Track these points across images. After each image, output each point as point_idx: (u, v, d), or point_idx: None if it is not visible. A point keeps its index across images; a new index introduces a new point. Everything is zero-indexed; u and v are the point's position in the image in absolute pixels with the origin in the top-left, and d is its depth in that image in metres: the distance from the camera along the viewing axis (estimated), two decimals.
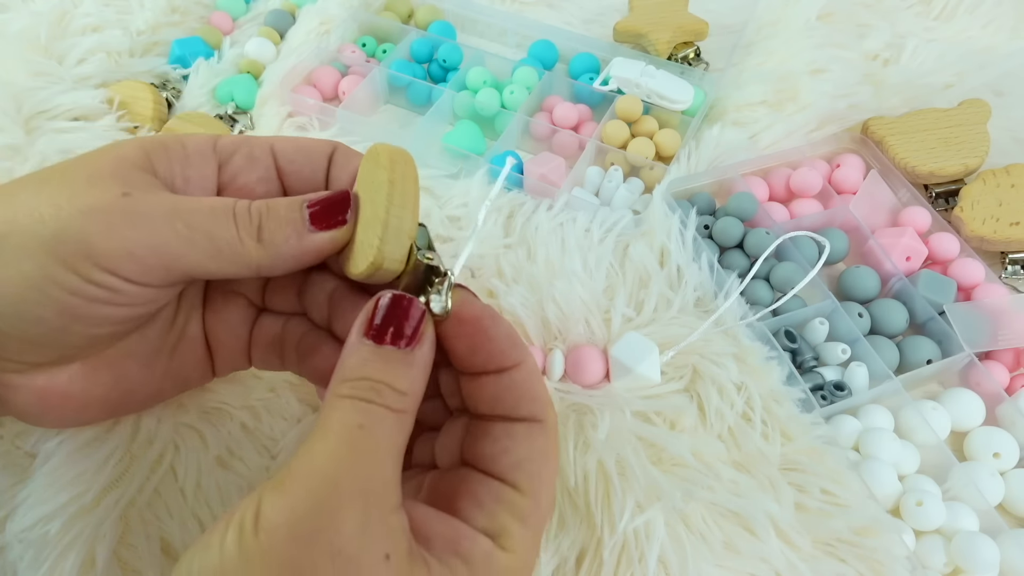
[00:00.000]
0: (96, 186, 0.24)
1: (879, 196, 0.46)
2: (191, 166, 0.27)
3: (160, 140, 0.27)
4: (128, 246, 0.23)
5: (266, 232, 0.25)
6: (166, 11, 0.55)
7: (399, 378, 0.22)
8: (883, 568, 0.31)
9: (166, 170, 0.26)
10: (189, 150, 0.27)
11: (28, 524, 0.30)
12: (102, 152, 0.26)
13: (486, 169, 0.45)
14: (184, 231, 0.24)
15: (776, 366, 0.36)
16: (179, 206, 0.25)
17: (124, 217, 0.23)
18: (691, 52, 0.54)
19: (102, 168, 0.25)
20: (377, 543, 0.19)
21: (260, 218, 0.25)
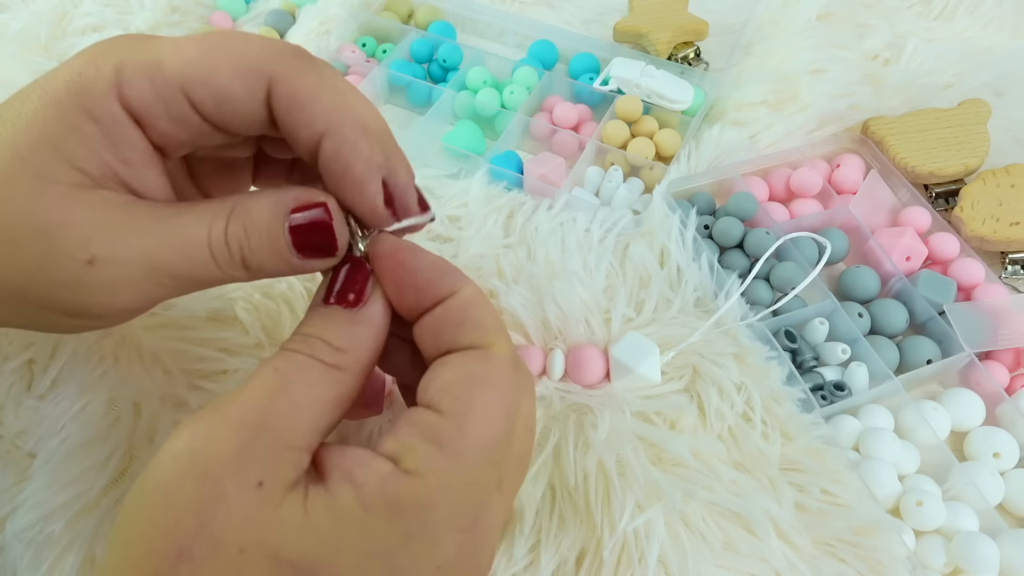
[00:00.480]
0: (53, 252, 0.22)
1: (879, 196, 0.46)
2: (117, 144, 0.23)
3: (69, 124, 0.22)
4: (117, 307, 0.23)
5: (252, 263, 0.23)
6: (166, 11, 0.55)
7: (336, 335, 0.22)
8: (883, 568, 0.31)
9: (98, 167, 0.23)
10: (103, 123, 0.22)
11: (28, 524, 0.30)
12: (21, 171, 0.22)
13: (486, 169, 0.45)
14: (168, 282, 0.23)
15: (776, 366, 0.36)
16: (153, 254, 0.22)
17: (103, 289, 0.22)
18: (691, 52, 0.54)
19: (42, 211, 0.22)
20: (250, 470, 0.19)
21: (241, 249, 0.23)
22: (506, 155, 0.47)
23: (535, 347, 0.37)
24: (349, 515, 0.19)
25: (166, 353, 0.35)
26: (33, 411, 0.34)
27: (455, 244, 0.42)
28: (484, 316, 0.23)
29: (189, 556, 0.18)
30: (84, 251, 0.22)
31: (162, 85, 0.22)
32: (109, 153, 0.23)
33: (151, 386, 0.34)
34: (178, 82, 0.22)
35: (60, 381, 0.34)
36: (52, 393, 0.34)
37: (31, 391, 0.35)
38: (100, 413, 0.33)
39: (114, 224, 0.22)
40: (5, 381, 0.35)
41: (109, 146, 0.23)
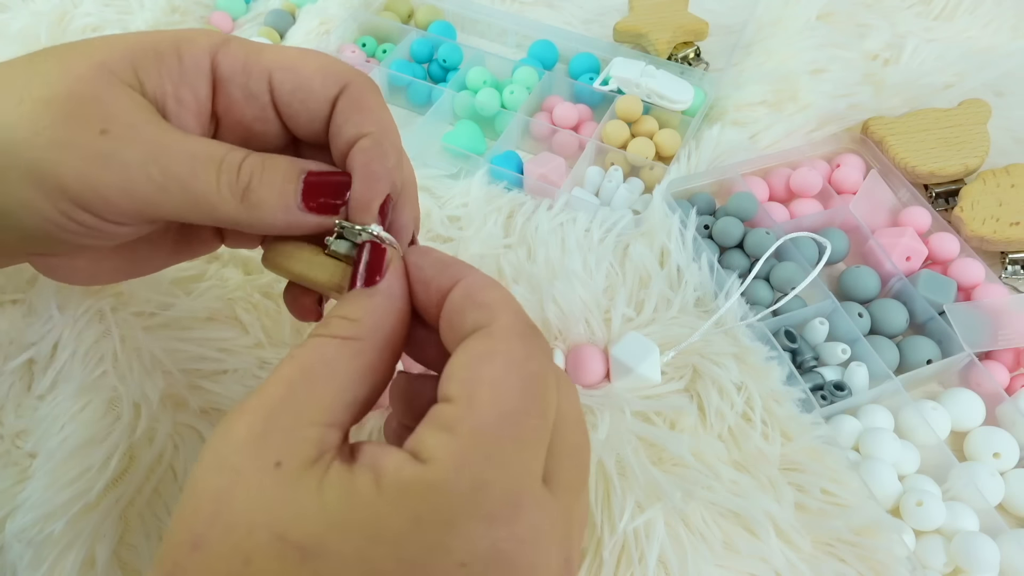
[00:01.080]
0: (75, 115, 0.23)
1: (879, 196, 0.46)
2: (185, 84, 0.25)
3: (154, 47, 0.25)
4: (101, 190, 0.23)
5: (253, 195, 0.24)
6: (166, 11, 0.55)
7: (349, 309, 0.22)
8: (883, 568, 0.31)
9: (155, 86, 0.25)
10: (185, 64, 0.25)
11: (28, 523, 0.30)
12: (85, 55, 0.24)
13: (486, 169, 0.45)
14: (158, 178, 0.23)
15: (776, 366, 0.36)
16: (158, 148, 0.23)
17: (99, 160, 0.23)
18: (691, 52, 0.54)
19: (83, 82, 0.23)
20: (268, 452, 0.19)
21: (251, 178, 0.24)
22: (506, 155, 0.47)
23: None
24: (361, 497, 0.18)
25: (166, 353, 0.35)
26: (33, 411, 0.34)
27: (455, 244, 0.42)
28: (486, 295, 0.22)
29: (202, 543, 0.18)
30: (102, 122, 0.23)
31: (255, 62, 0.26)
32: (171, 85, 0.25)
33: (151, 386, 0.34)
34: (267, 64, 0.26)
35: (60, 381, 0.34)
36: (52, 393, 0.34)
37: (31, 391, 0.35)
38: (100, 413, 0.33)
39: (140, 118, 0.24)
40: (5, 381, 0.35)
41: (177, 80, 0.25)
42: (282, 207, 0.24)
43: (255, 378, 0.35)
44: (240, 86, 0.26)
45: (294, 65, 0.26)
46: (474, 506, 0.18)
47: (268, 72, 0.25)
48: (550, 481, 0.20)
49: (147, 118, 0.24)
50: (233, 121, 0.26)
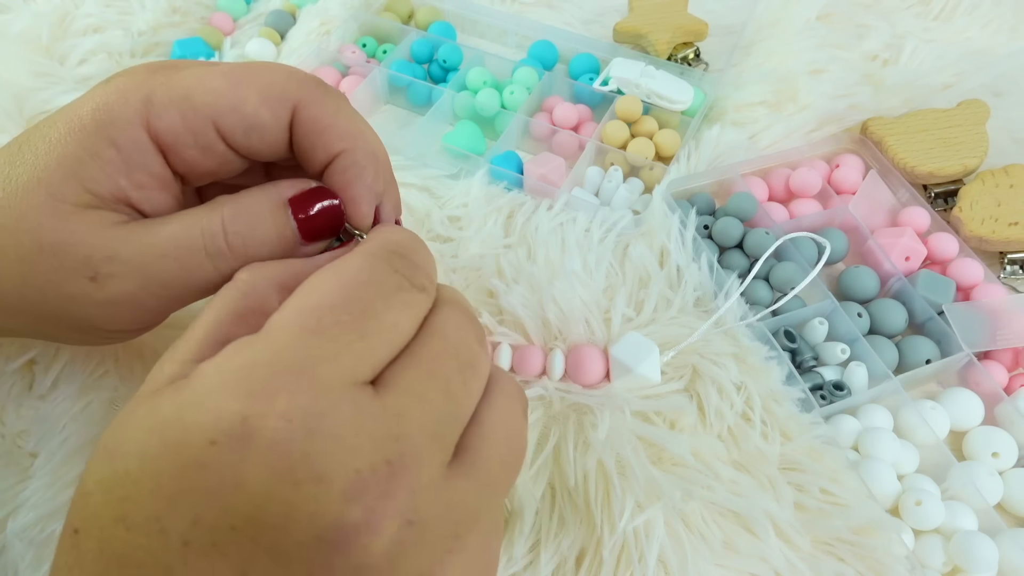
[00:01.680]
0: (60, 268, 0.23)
1: (878, 196, 0.46)
2: (135, 171, 0.24)
3: (90, 150, 0.24)
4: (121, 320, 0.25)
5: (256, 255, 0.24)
6: (167, 12, 0.55)
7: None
8: (882, 567, 0.31)
9: (111, 190, 0.24)
10: (124, 151, 0.24)
11: (29, 523, 0.30)
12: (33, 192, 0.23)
13: (486, 169, 0.45)
14: (163, 294, 0.24)
15: (776, 366, 0.36)
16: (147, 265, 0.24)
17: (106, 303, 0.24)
18: (691, 52, 0.54)
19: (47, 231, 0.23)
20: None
21: (245, 245, 0.24)
22: (506, 155, 0.47)
23: (535, 347, 0.37)
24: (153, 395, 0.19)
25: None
26: (34, 411, 0.34)
27: (455, 244, 0.42)
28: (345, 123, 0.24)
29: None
30: (87, 268, 0.23)
31: (192, 116, 0.24)
32: (124, 178, 0.24)
33: None
34: (208, 113, 0.24)
35: (61, 381, 0.34)
36: (53, 393, 0.34)
37: (32, 391, 0.35)
38: (101, 413, 0.33)
39: (112, 242, 0.23)
40: (7, 381, 0.35)
41: (126, 171, 0.24)
42: (283, 251, 0.24)
43: None
44: (192, 146, 0.25)
45: (233, 103, 0.24)
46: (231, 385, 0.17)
47: (211, 121, 0.24)
48: (382, 383, 0.19)
49: (120, 237, 0.24)
50: (196, 173, 0.26)
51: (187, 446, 0.17)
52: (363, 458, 0.17)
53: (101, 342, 0.27)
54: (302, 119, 0.25)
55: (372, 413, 0.18)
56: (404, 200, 0.44)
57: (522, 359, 0.36)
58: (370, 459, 0.17)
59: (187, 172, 0.26)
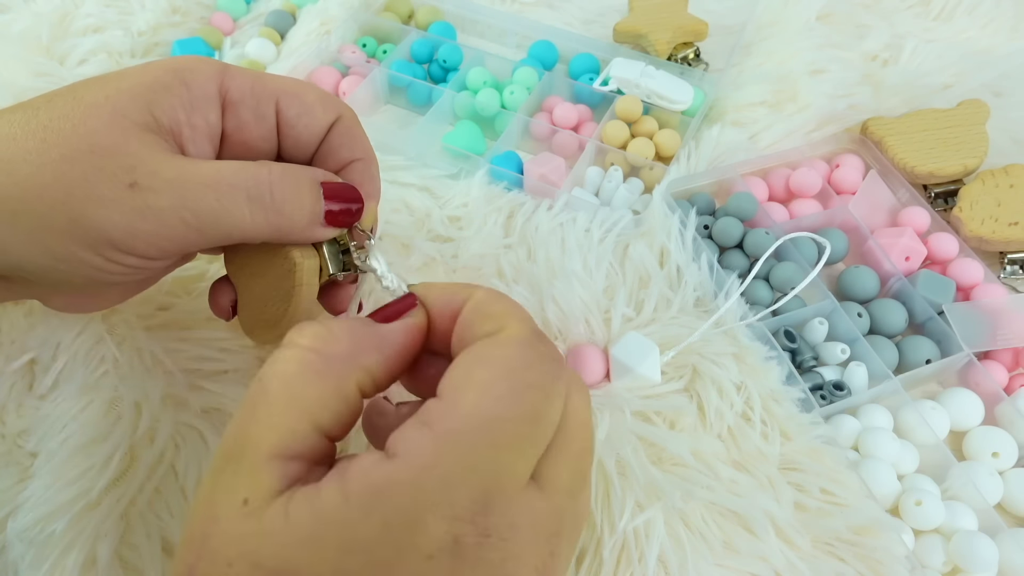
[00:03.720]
0: (101, 170, 0.24)
1: (878, 196, 0.46)
2: (196, 111, 0.27)
3: (161, 81, 0.26)
4: (143, 237, 0.25)
5: (283, 218, 0.26)
6: (167, 12, 0.55)
7: (334, 324, 0.22)
8: (882, 567, 0.31)
9: (169, 118, 0.26)
10: (194, 92, 0.27)
11: (30, 523, 0.30)
12: (96, 104, 0.25)
13: (486, 169, 0.45)
14: (193, 221, 0.25)
15: (776, 366, 0.36)
16: (185, 190, 0.25)
17: (135, 213, 0.24)
18: (691, 52, 0.54)
19: (100, 135, 0.24)
20: (235, 492, 0.20)
21: (283, 202, 0.26)
22: (506, 155, 0.47)
23: None
24: (329, 510, 0.19)
25: (167, 353, 0.35)
26: (35, 411, 0.34)
27: (455, 244, 0.42)
28: (494, 307, 0.22)
29: (194, 573, 0.19)
30: (128, 175, 0.24)
31: (260, 88, 0.28)
32: (184, 114, 0.26)
33: (152, 386, 0.34)
34: (274, 89, 0.28)
35: (62, 381, 0.34)
36: (54, 393, 0.34)
37: (33, 391, 0.35)
38: (101, 413, 0.33)
39: (160, 162, 0.25)
40: (7, 381, 0.35)
41: (189, 109, 0.26)
42: (308, 223, 0.27)
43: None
44: (250, 108, 0.28)
45: (297, 92, 0.29)
46: (441, 506, 0.18)
47: (275, 97, 0.28)
48: (541, 480, 0.21)
49: (167, 159, 0.25)
50: (239, 139, 0.28)
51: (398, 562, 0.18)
52: (538, 556, 0.20)
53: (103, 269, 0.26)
54: (340, 126, 0.29)
55: (544, 514, 0.20)
56: (404, 200, 0.44)
57: None
58: (542, 556, 0.20)
59: (232, 133, 0.28)
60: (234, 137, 0.28)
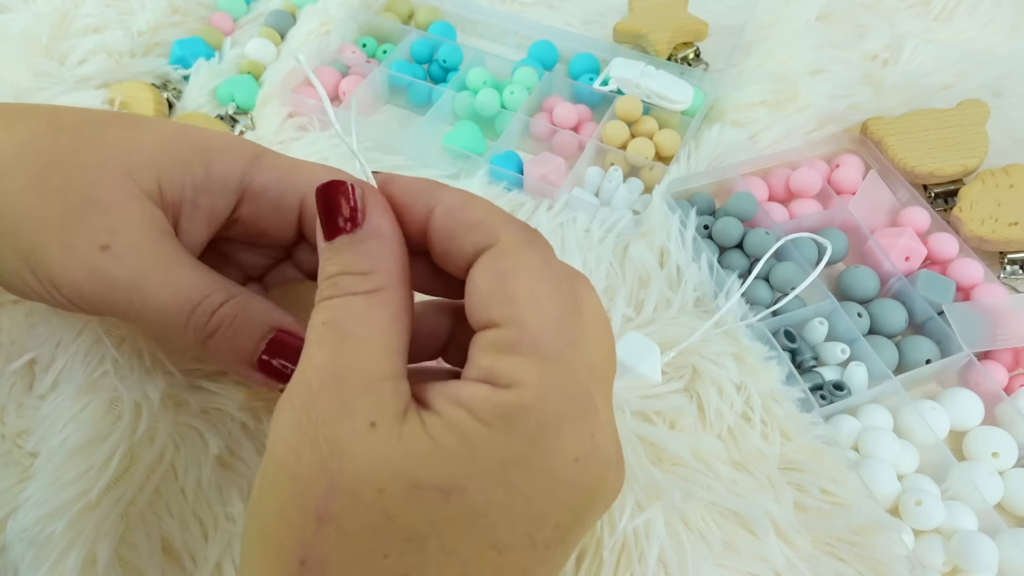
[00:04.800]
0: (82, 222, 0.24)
1: (878, 196, 0.46)
2: (205, 195, 0.26)
3: (182, 156, 0.26)
4: (85, 295, 0.25)
5: (213, 344, 0.25)
6: (167, 12, 0.55)
7: (354, 261, 0.21)
8: (882, 567, 0.31)
9: (175, 195, 0.26)
10: (212, 176, 0.26)
11: (30, 523, 0.30)
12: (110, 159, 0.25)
13: (486, 169, 0.45)
14: (137, 304, 0.25)
15: (775, 366, 0.36)
16: (145, 278, 0.25)
17: (91, 273, 0.25)
18: (691, 52, 0.54)
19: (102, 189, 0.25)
20: (358, 415, 0.19)
21: (218, 328, 0.25)
22: (506, 155, 0.47)
23: None
24: (473, 433, 0.19)
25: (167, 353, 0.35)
26: (34, 411, 0.34)
27: None
28: (475, 214, 0.22)
29: (329, 516, 0.19)
30: (107, 237, 0.24)
31: (288, 182, 0.27)
32: (192, 192, 0.26)
33: (152, 386, 0.34)
34: (301, 185, 0.27)
35: (61, 381, 0.34)
36: (53, 393, 0.34)
37: (32, 391, 0.35)
38: (101, 413, 0.33)
39: (143, 237, 0.25)
40: (7, 381, 0.35)
41: (199, 190, 0.26)
42: (235, 362, 0.26)
43: None
44: (271, 201, 0.27)
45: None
46: (568, 410, 0.20)
47: (301, 192, 0.27)
48: (593, 370, 0.21)
49: (150, 236, 0.25)
50: (254, 225, 0.28)
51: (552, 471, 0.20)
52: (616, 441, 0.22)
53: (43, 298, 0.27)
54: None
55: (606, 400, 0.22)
56: None
57: None
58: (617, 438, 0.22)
59: (247, 220, 0.28)
60: (249, 223, 0.28)
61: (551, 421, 0.20)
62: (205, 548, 0.31)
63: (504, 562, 0.19)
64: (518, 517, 0.19)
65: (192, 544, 0.32)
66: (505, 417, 0.19)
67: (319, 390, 0.20)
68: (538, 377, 0.20)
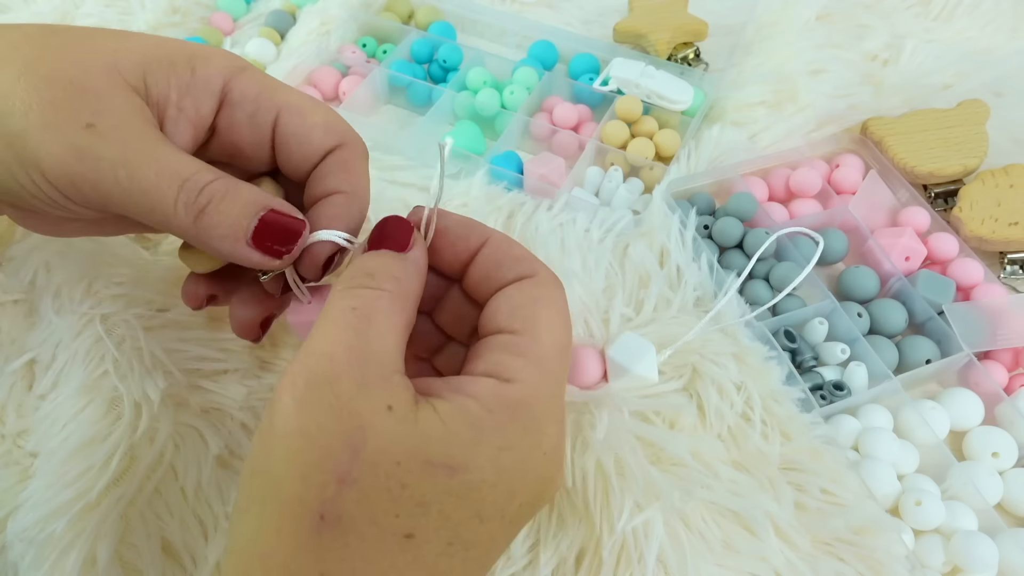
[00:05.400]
0: (68, 103, 0.25)
1: (878, 196, 0.46)
2: (190, 95, 0.27)
3: (168, 57, 0.27)
4: (72, 177, 0.25)
5: (205, 219, 0.25)
6: (167, 11, 0.55)
7: (392, 266, 0.25)
8: (882, 567, 0.31)
9: (160, 92, 0.27)
10: (196, 79, 0.27)
11: (30, 523, 0.30)
12: (99, 51, 0.26)
13: (486, 169, 0.45)
14: (124, 181, 0.25)
15: (776, 366, 0.36)
16: (132, 152, 0.25)
17: (76, 152, 0.25)
18: (691, 52, 0.54)
19: (88, 75, 0.25)
20: (377, 397, 0.22)
21: (209, 202, 0.25)
22: (506, 155, 0.47)
23: None
24: (480, 419, 0.22)
25: (167, 353, 0.35)
26: (34, 411, 0.34)
27: None
28: (519, 251, 0.26)
29: (351, 479, 0.21)
30: (91, 116, 0.25)
31: (267, 97, 0.28)
32: (176, 94, 0.27)
33: (152, 386, 0.34)
34: (279, 103, 0.28)
35: (61, 381, 0.34)
36: (53, 393, 0.34)
37: (32, 391, 0.35)
38: (101, 413, 0.33)
39: (128, 120, 0.25)
40: (7, 381, 0.35)
41: (183, 91, 0.27)
42: (231, 237, 0.26)
43: (255, 378, 0.35)
44: (247, 113, 0.28)
45: (302, 110, 0.28)
46: (550, 413, 0.24)
47: (277, 109, 0.28)
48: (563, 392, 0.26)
49: (135, 121, 0.25)
50: (228, 139, 0.29)
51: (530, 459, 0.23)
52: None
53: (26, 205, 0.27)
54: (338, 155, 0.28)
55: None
56: (404, 200, 0.44)
57: None
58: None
59: (223, 131, 0.28)
60: (224, 136, 0.28)
61: (540, 417, 0.23)
62: (205, 548, 0.31)
63: (483, 530, 0.22)
64: (499, 493, 0.22)
65: (192, 544, 0.32)
66: (508, 408, 0.23)
67: (344, 367, 0.22)
68: (538, 382, 0.24)
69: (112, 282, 0.36)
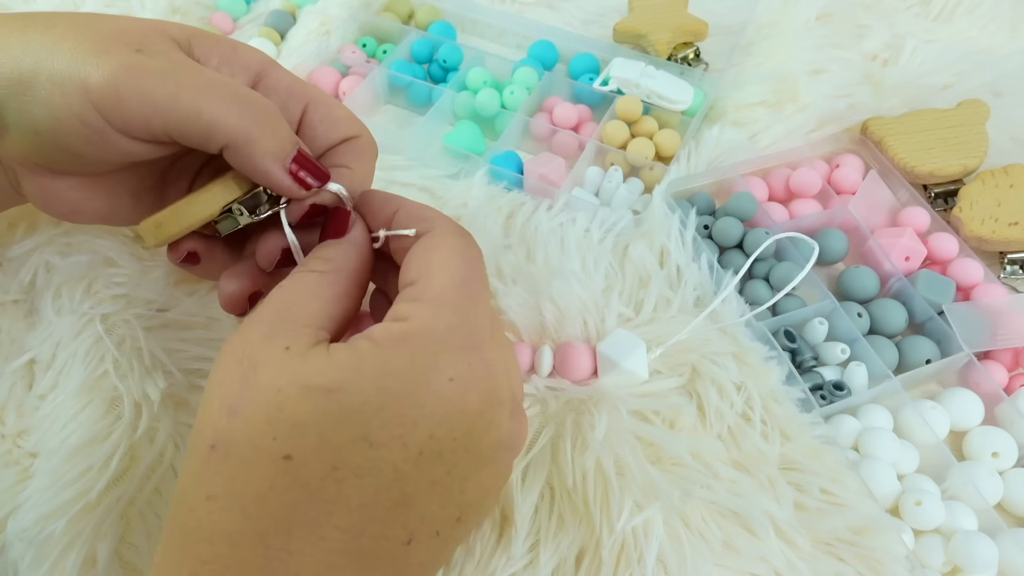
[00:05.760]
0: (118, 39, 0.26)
1: (878, 196, 0.46)
2: (229, 65, 0.29)
3: (211, 34, 0.29)
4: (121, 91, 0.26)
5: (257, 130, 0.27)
6: (167, 12, 0.55)
7: (326, 251, 0.28)
8: (882, 567, 0.31)
9: (203, 56, 0.29)
10: (238, 55, 0.29)
11: (29, 523, 0.30)
12: (146, 21, 0.28)
13: (486, 169, 0.45)
14: (173, 87, 0.26)
15: (775, 366, 0.36)
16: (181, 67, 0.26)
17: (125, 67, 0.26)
18: (691, 52, 0.54)
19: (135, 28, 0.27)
20: (276, 341, 0.24)
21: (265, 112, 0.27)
22: (506, 155, 0.47)
23: (524, 344, 0.37)
24: (364, 351, 0.24)
25: (167, 353, 0.35)
26: (34, 411, 0.34)
27: None
28: (422, 212, 0.28)
29: (237, 410, 0.23)
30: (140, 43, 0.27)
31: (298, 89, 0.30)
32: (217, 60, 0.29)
33: (152, 386, 0.34)
34: (308, 95, 0.30)
35: (61, 381, 0.34)
36: (53, 393, 0.34)
37: (32, 391, 0.35)
38: (101, 413, 0.33)
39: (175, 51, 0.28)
40: (7, 381, 0.35)
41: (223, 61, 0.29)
42: (276, 155, 0.27)
43: None
44: (280, 99, 0.30)
45: (329, 104, 0.31)
46: (450, 340, 0.24)
47: (307, 100, 0.30)
48: (493, 331, 0.26)
49: (181, 54, 0.28)
50: None
51: (426, 384, 0.23)
52: (507, 391, 0.26)
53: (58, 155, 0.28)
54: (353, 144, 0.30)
55: (501, 359, 0.26)
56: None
57: None
58: (508, 392, 0.26)
59: None
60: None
61: (432, 345, 0.24)
62: None
63: (375, 456, 0.23)
64: (390, 417, 0.23)
65: None
66: (396, 340, 0.24)
67: (253, 324, 0.25)
68: (431, 315, 0.24)
69: (112, 282, 0.36)
